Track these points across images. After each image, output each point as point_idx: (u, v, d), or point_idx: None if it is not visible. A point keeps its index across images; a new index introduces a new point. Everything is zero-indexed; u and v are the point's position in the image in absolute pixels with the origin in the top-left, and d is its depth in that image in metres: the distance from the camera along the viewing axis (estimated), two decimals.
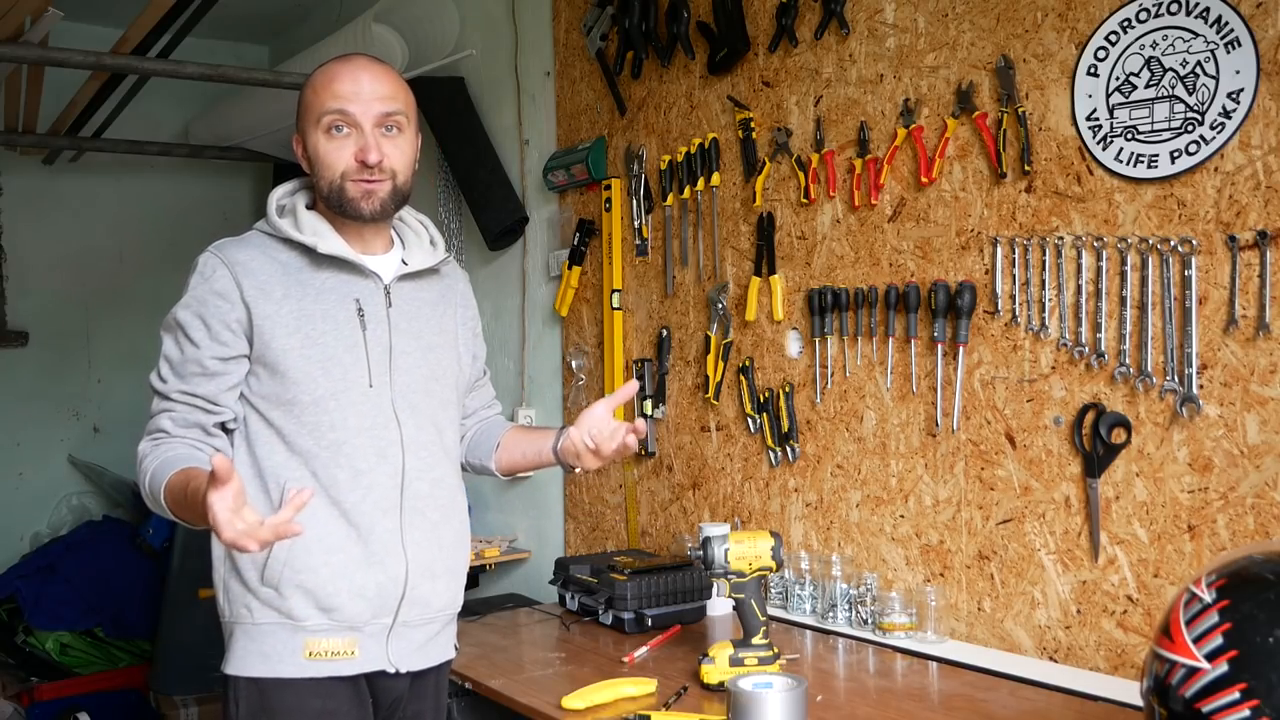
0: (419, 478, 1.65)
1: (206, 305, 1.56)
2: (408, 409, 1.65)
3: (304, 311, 1.58)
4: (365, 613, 1.59)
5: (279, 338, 1.56)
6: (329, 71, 1.60)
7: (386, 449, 1.62)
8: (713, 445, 2.58)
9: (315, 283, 1.60)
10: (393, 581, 1.61)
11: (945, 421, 2.05)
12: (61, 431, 4.40)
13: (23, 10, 2.62)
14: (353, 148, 1.57)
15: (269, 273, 1.58)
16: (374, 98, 1.58)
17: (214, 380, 1.56)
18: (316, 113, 1.58)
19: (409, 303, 1.68)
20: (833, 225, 2.26)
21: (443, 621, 1.72)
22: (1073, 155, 1.84)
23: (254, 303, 1.56)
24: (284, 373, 1.56)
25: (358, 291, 1.63)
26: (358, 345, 1.60)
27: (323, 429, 1.58)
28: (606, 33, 2.82)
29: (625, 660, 2.04)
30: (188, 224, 4.48)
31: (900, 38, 2.12)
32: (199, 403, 1.56)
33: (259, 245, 1.62)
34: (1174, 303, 1.71)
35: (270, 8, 4.27)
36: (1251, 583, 1.14)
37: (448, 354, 1.74)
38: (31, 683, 3.66)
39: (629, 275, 2.82)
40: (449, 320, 1.76)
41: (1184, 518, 1.72)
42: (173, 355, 1.58)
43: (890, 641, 2.04)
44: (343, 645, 1.59)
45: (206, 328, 1.56)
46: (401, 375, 1.65)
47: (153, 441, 1.56)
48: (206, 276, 1.57)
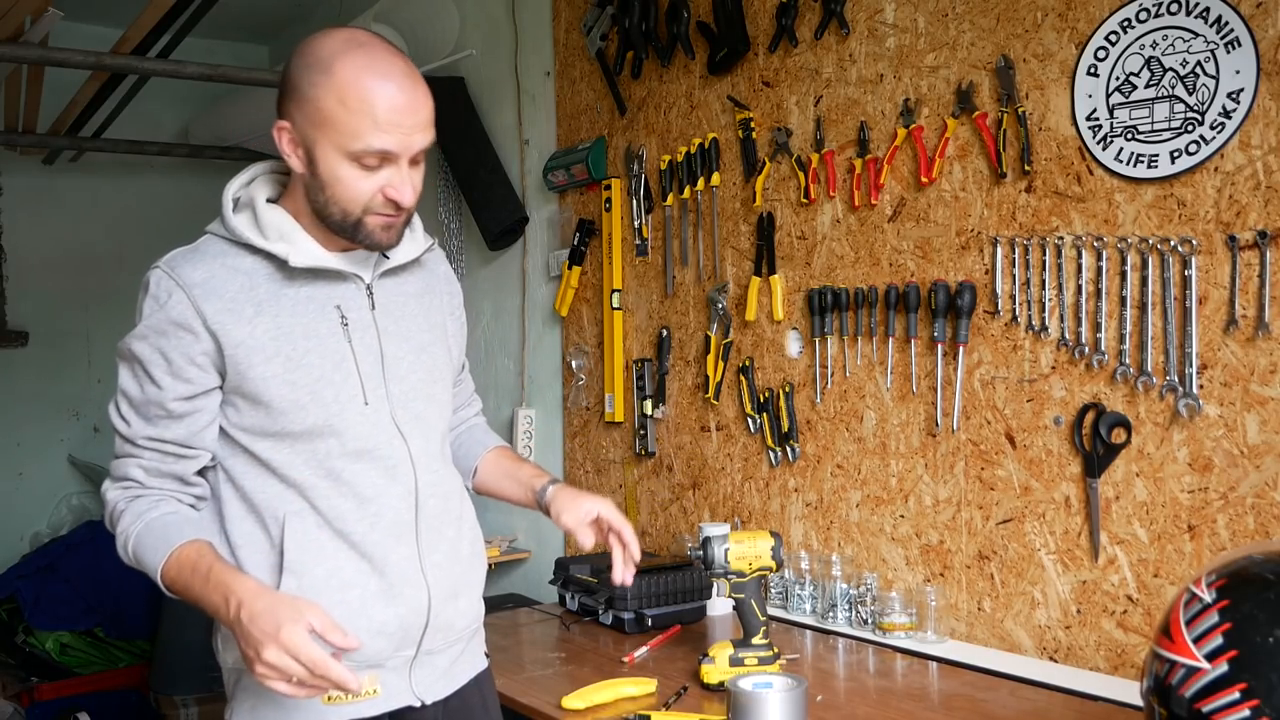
0: (432, 494, 1.49)
1: (166, 336, 1.34)
2: (410, 420, 1.48)
3: (281, 330, 1.38)
4: (387, 649, 1.44)
5: (256, 365, 1.36)
6: (362, 84, 1.31)
7: (395, 469, 1.45)
8: (713, 445, 2.58)
9: (289, 293, 1.39)
10: (415, 613, 1.46)
11: (945, 421, 2.05)
12: (61, 431, 4.40)
13: (23, 10, 2.62)
14: (382, 182, 1.35)
15: (234, 289, 1.36)
16: (416, 129, 1.36)
17: (182, 422, 1.37)
18: (346, 141, 1.32)
19: (394, 300, 1.50)
20: (833, 225, 2.26)
21: (468, 637, 1.58)
22: (1073, 155, 1.84)
23: (221, 330, 1.35)
24: (267, 404, 1.37)
25: (338, 297, 1.43)
26: (346, 360, 1.41)
27: (319, 457, 1.40)
28: (606, 33, 2.82)
29: (625, 660, 2.04)
30: (188, 224, 4.39)
31: (900, 38, 2.12)
32: (170, 449, 1.38)
33: (217, 255, 1.38)
34: (1174, 303, 1.71)
35: (270, 8, 4.27)
36: (1251, 583, 1.14)
37: (440, 351, 1.57)
38: (31, 683, 3.66)
39: (629, 275, 2.82)
40: (436, 312, 1.58)
41: (1184, 518, 1.72)
42: (132, 393, 1.38)
43: (890, 641, 2.04)
44: (363, 685, 1.42)
45: (167, 363, 1.35)
46: (398, 384, 1.47)
47: (124, 491, 1.41)
48: (162, 303, 1.35)
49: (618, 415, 2.83)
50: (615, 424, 2.87)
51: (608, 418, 2.85)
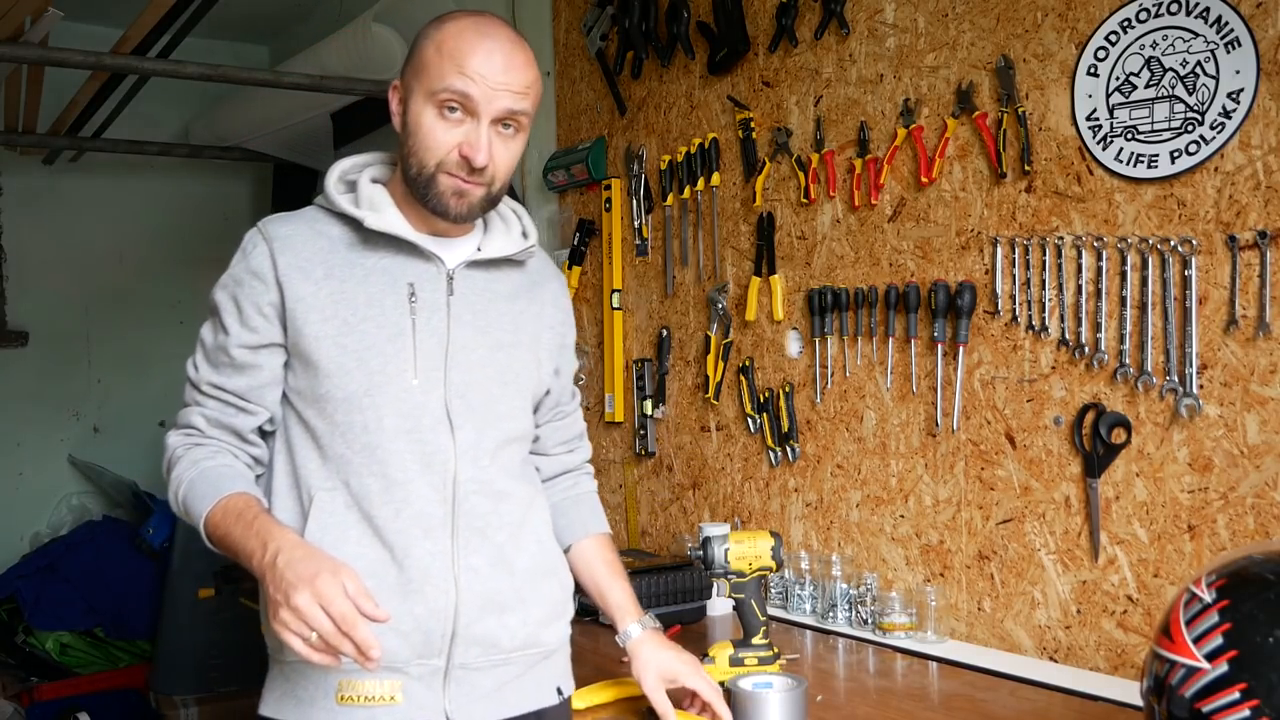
0: (477, 491, 1.41)
1: (241, 285, 1.39)
2: (465, 411, 1.41)
3: (344, 294, 1.38)
4: (403, 651, 1.37)
5: (312, 324, 1.36)
6: (461, 36, 1.34)
7: (432, 456, 1.39)
8: (713, 445, 2.58)
9: (365, 263, 1.40)
10: (435, 615, 1.38)
11: (945, 421, 2.05)
12: (61, 431, 4.40)
13: (23, 10, 2.61)
14: (460, 138, 1.34)
15: (312, 249, 1.39)
16: (504, 88, 1.34)
17: (245, 374, 1.39)
18: (432, 81, 1.33)
19: (478, 294, 1.45)
20: (833, 225, 2.26)
21: (526, 662, 1.48)
22: (1073, 155, 1.84)
23: (288, 283, 1.37)
24: (316, 364, 1.37)
25: (413, 275, 1.41)
26: (403, 334, 1.38)
27: (355, 430, 1.37)
28: (606, 33, 2.82)
29: (625, 660, 2.04)
30: (188, 224, 4.48)
31: (900, 38, 2.12)
32: (230, 399, 1.40)
33: (308, 219, 1.43)
34: (1174, 303, 1.71)
35: (270, 8, 4.27)
36: (1251, 583, 1.14)
37: (524, 356, 1.49)
38: (31, 683, 3.66)
39: (629, 275, 2.82)
40: (529, 320, 1.51)
41: (1184, 518, 1.72)
42: (207, 340, 1.42)
43: (890, 641, 2.04)
44: (380, 689, 1.36)
45: (239, 310, 1.38)
46: (459, 372, 1.41)
47: (185, 438, 1.42)
48: (247, 254, 1.40)
49: (618, 415, 2.83)
50: (615, 424, 2.87)
51: (608, 418, 2.85)
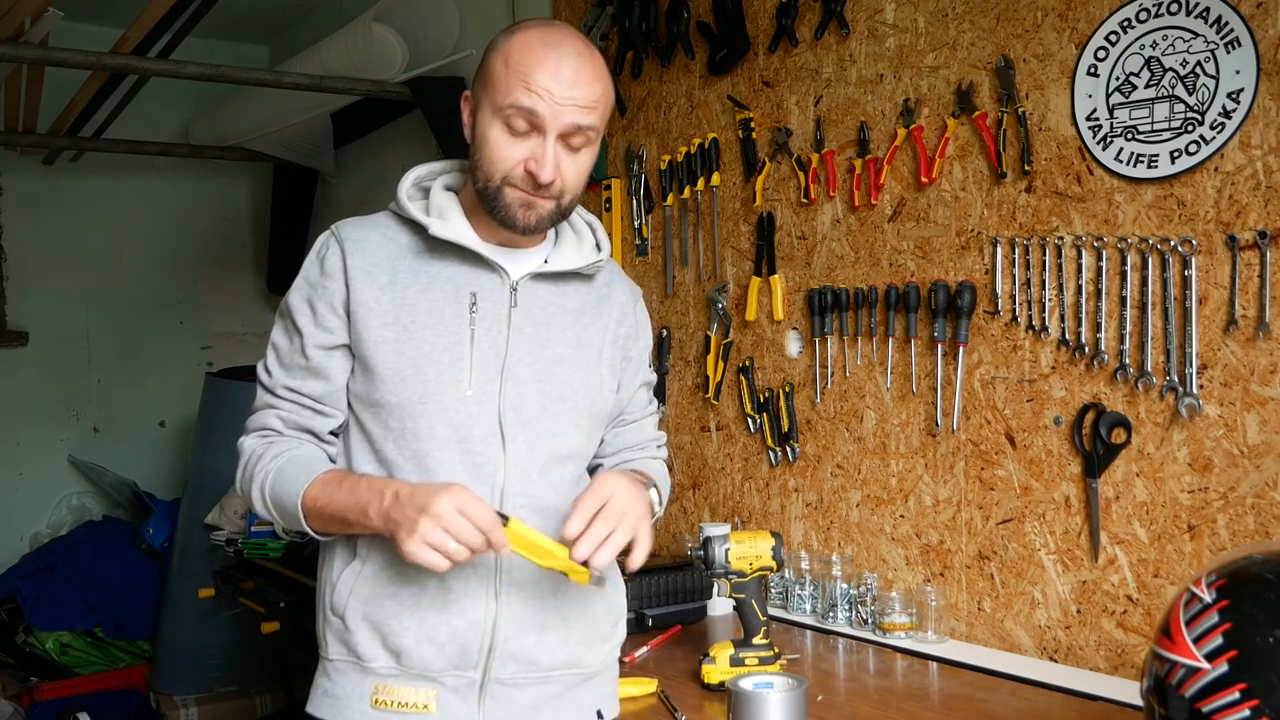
0: (524, 506, 1.39)
1: (315, 287, 1.40)
2: (519, 424, 1.40)
3: (406, 300, 1.38)
4: (438, 661, 1.37)
5: (372, 328, 1.37)
6: (528, 49, 1.32)
7: (481, 468, 1.38)
8: (713, 445, 2.58)
9: (429, 270, 1.40)
10: (473, 628, 1.38)
11: (945, 421, 2.05)
12: (61, 431, 4.40)
13: (23, 10, 2.61)
14: (526, 153, 1.33)
15: (381, 254, 1.40)
16: (571, 103, 1.31)
17: (319, 377, 1.40)
18: (499, 96, 1.32)
19: (541, 307, 1.44)
20: (833, 225, 2.26)
21: (566, 683, 1.46)
22: (1073, 155, 1.84)
23: (354, 285, 1.38)
24: (373, 369, 1.37)
25: (477, 284, 1.40)
26: (461, 344, 1.38)
27: (406, 437, 1.37)
28: (606, 33, 2.82)
29: (626, 660, 2.04)
30: (188, 224, 4.48)
31: (900, 38, 2.12)
32: (307, 402, 1.41)
33: (380, 225, 1.44)
34: (1174, 303, 1.71)
35: (270, 8, 4.27)
36: (1251, 583, 1.14)
37: (585, 373, 1.46)
38: (31, 683, 3.66)
39: (629, 275, 2.81)
40: (594, 334, 1.48)
41: (1184, 518, 1.72)
42: (280, 344, 1.43)
43: (890, 641, 2.04)
44: (414, 696, 1.37)
45: (313, 311, 1.39)
46: (515, 385, 1.40)
47: (263, 439, 1.42)
48: (320, 255, 1.42)
49: None
50: None
51: None
